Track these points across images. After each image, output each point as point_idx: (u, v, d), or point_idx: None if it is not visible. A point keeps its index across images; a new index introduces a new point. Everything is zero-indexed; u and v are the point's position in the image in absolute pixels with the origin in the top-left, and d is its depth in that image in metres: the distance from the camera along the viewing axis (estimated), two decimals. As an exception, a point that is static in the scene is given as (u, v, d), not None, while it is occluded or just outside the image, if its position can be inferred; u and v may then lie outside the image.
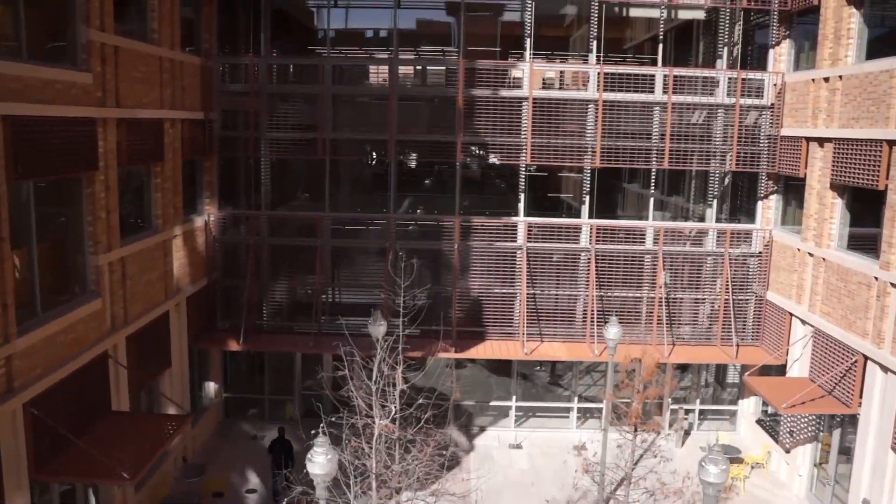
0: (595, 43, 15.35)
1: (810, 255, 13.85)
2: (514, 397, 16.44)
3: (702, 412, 16.77)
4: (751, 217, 16.20)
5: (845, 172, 12.60)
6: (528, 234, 15.50)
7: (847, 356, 12.37)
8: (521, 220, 15.61)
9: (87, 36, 10.50)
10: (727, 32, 15.70)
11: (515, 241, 15.62)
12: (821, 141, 13.55)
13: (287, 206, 17.57)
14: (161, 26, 12.91)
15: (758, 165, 15.26)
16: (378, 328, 12.72)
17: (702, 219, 16.42)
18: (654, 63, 15.81)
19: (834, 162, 13.03)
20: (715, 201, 16.06)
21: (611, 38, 16.19)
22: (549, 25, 17.10)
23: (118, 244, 11.47)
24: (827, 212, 13.36)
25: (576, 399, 16.58)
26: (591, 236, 15.48)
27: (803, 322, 14.04)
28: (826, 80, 13.41)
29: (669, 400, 16.03)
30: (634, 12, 17.04)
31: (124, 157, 11.55)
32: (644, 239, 15.77)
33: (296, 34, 17.93)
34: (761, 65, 15.86)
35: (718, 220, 16.16)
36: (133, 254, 12.05)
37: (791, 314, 14.51)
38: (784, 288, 14.89)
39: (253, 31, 16.16)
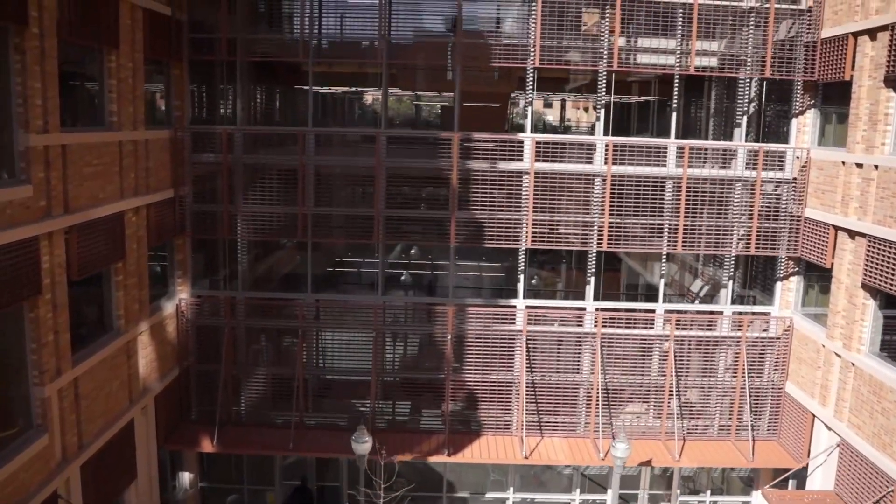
0: (603, 112, 14.06)
1: (837, 355, 12.65)
2: (511, 489, 15.27)
3: None
4: (767, 294, 15.00)
5: (880, 275, 11.37)
6: (528, 319, 14.28)
7: (881, 482, 11.19)
8: (521, 307, 14.35)
9: (27, 142, 9.18)
10: (746, 101, 14.39)
11: (514, 325, 14.41)
12: (852, 233, 12.30)
13: (268, 279, 16.35)
14: (121, 107, 11.58)
15: (778, 247, 14.01)
16: (362, 445, 11.56)
17: (714, 285, 15.26)
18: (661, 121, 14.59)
19: (867, 260, 11.79)
20: (731, 282, 14.83)
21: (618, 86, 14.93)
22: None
23: (69, 366, 10.22)
24: (858, 313, 12.13)
25: (577, 491, 15.41)
26: (595, 321, 14.27)
27: (828, 427, 12.86)
28: (859, 166, 12.15)
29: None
30: (643, 58, 15.77)
31: (75, 269, 10.26)
32: (653, 323, 14.59)
33: (281, 75, 16.51)
34: (782, 133, 14.61)
35: (734, 300, 14.96)
36: (89, 370, 10.80)
37: (814, 415, 13.32)
38: (806, 384, 13.69)
39: (230, 84, 14.82)
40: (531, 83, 13.80)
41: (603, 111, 14.04)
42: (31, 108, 9.21)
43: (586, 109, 19.13)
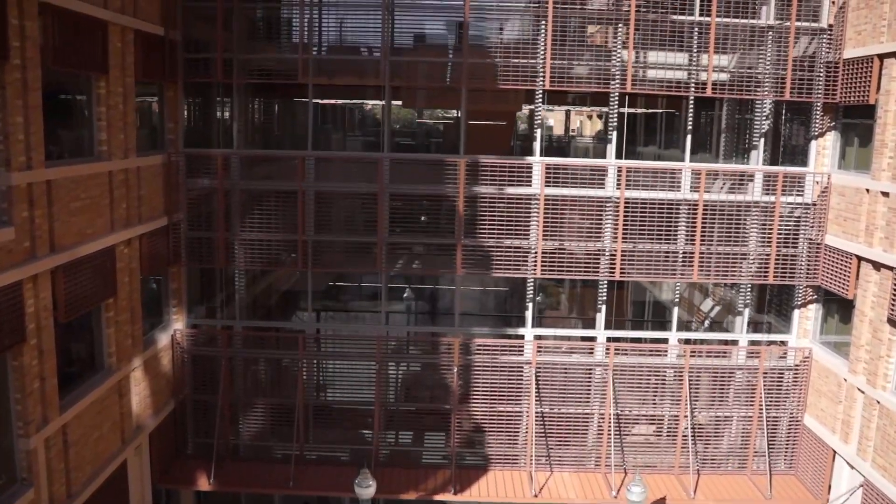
0: (615, 134, 13.51)
1: (860, 391, 12.13)
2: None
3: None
4: (783, 319, 14.48)
5: (908, 311, 10.87)
6: (538, 349, 13.74)
7: (909, 529, 10.71)
8: (529, 337, 13.83)
9: (9, 181, 8.62)
10: (762, 122, 13.82)
11: (522, 356, 13.87)
12: (876, 265, 11.76)
13: (267, 296, 15.81)
14: (111, 135, 11.00)
15: (797, 274, 13.47)
16: (366, 490, 11.04)
17: (726, 306, 14.71)
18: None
19: (894, 294, 11.26)
20: (746, 310, 14.29)
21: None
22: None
23: (56, 413, 9.67)
24: (883, 349, 11.60)
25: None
26: (607, 350, 13.74)
27: (850, 466, 12.34)
28: (885, 194, 11.61)
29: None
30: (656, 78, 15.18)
31: (63, 311, 9.72)
32: (666, 352, 14.06)
33: (280, 87, 15.87)
34: (798, 153, 14.07)
35: (748, 324, 14.45)
36: (78, 415, 10.25)
37: (834, 451, 12.81)
38: (826, 418, 13.17)
39: (227, 101, 14.22)
40: (540, 105, 13.27)
41: (615, 133, 13.50)
42: (13, 145, 8.64)
43: (590, 117, 18.60)
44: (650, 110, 16.76)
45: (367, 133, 16.42)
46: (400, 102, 15.08)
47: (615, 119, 13.42)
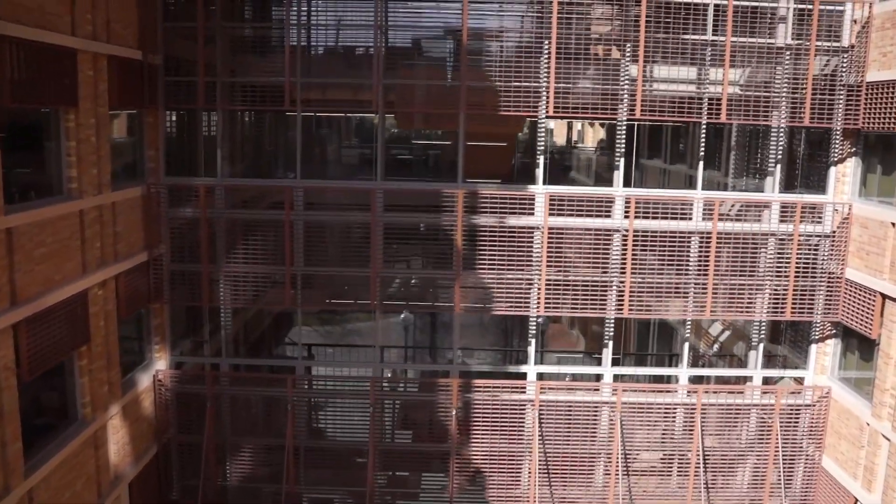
0: (622, 161, 12.73)
1: (885, 437, 11.39)
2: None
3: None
4: (798, 352, 13.74)
5: (939, 358, 10.12)
6: (541, 390, 12.99)
7: None
8: (532, 377, 13.07)
9: (-38, 235, 7.92)
10: (777, 149, 13.01)
11: (524, 394, 13.13)
12: (904, 306, 11.06)
13: (258, 322, 15.08)
14: (82, 171, 10.22)
15: (815, 310, 12.71)
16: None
17: (735, 332, 14.00)
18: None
19: (923, 339, 10.54)
20: (761, 345, 13.53)
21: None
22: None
23: (20, 479, 8.90)
24: (911, 395, 10.90)
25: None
26: (613, 393, 12.99)
27: (874, 516, 11.65)
28: (912, 230, 10.89)
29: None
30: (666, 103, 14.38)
31: (27, 369, 8.95)
32: (675, 392, 13.33)
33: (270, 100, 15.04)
34: (814, 176, 13.29)
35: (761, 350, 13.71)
36: (46, 476, 9.50)
37: (856, 499, 12.08)
38: (846, 462, 12.43)
39: (211, 116, 13.37)
40: (543, 133, 12.50)
41: (622, 160, 12.72)
42: (-33, 194, 7.92)
43: (591, 125, 17.87)
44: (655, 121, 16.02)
45: (364, 140, 15.64)
46: (395, 121, 14.38)
47: (622, 145, 12.65)
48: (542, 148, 12.62)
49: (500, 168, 16.61)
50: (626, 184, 12.96)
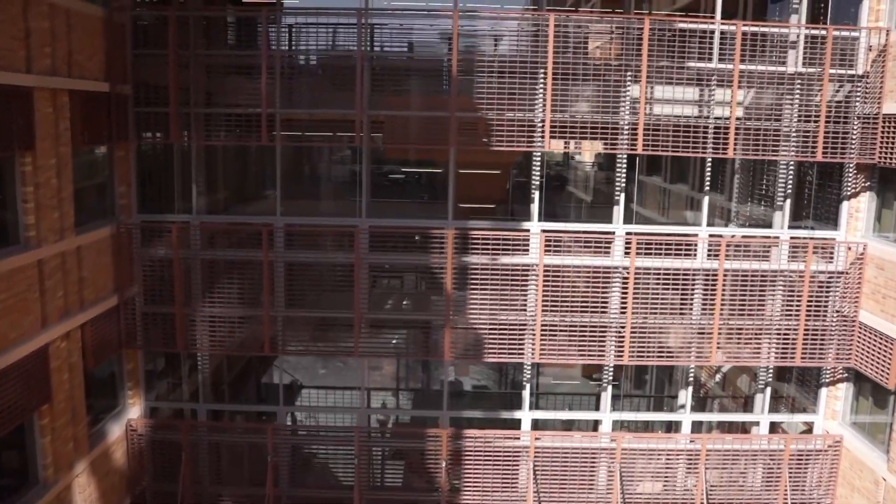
0: (623, 196, 12.00)
1: (902, 495, 10.75)
2: None
3: None
4: (806, 393, 13.05)
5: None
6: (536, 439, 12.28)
7: None
8: (526, 424, 12.38)
9: None
10: (787, 183, 12.29)
11: (519, 440, 12.43)
12: (923, 358, 10.36)
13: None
14: (41, 217, 9.47)
15: (826, 354, 11.99)
16: None
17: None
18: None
19: (944, 396, 9.85)
20: (768, 389, 12.83)
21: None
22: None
23: (-30, 560, 8.29)
24: (930, 453, 10.22)
25: None
26: (613, 442, 12.29)
27: (890, 578, 10.98)
28: (933, 277, 10.18)
29: None
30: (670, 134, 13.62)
31: (-24, 440, 8.31)
32: (678, 441, 12.64)
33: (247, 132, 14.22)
34: (823, 207, 12.59)
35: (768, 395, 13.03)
36: (0, 551, 8.86)
37: (871, 557, 11.44)
38: (860, 516, 11.78)
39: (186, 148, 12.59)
40: (539, 166, 11.77)
41: (622, 195, 12.00)
42: None
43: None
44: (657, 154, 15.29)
45: (355, 153, 14.89)
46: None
47: (623, 180, 11.93)
48: (538, 182, 11.90)
49: (494, 193, 15.91)
50: (627, 217, 12.26)
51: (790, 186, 12.31)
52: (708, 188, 12.27)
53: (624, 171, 11.93)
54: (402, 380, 19.18)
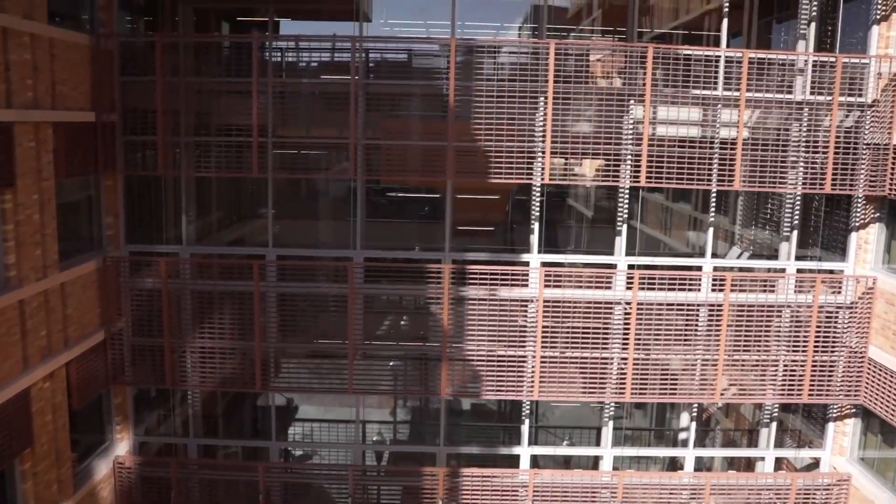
0: (625, 228, 11.66)
1: (913, 541, 10.41)
2: None
3: None
4: (812, 425, 12.71)
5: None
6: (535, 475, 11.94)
7: None
8: (525, 461, 12.02)
9: None
10: (793, 213, 11.95)
11: (517, 478, 12.08)
12: (936, 400, 10.02)
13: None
14: (22, 256, 9.11)
15: (834, 391, 11.62)
16: None
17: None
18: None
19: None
20: (773, 424, 12.49)
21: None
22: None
23: None
24: (944, 500, 9.88)
25: None
26: (615, 479, 11.95)
27: None
28: (946, 318, 9.85)
29: None
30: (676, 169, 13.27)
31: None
32: (681, 477, 12.30)
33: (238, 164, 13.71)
34: (828, 230, 12.25)
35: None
36: None
37: None
38: (869, 558, 11.44)
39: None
40: (538, 198, 11.44)
41: (624, 227, 11.66)
42: None
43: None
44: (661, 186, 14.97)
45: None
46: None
47: (625, 211, 11.59)
48: (538, 214, 11.56)
49: (493, 215, 15.56)
50: (630, 240, 11.91)
51: (797, 216, 11.97)
52: (712, 217, 11.94)
53: (626, 203, 11.60)
54: (399, 397, 18.81)
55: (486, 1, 14.38)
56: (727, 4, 11.46)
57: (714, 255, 12.03)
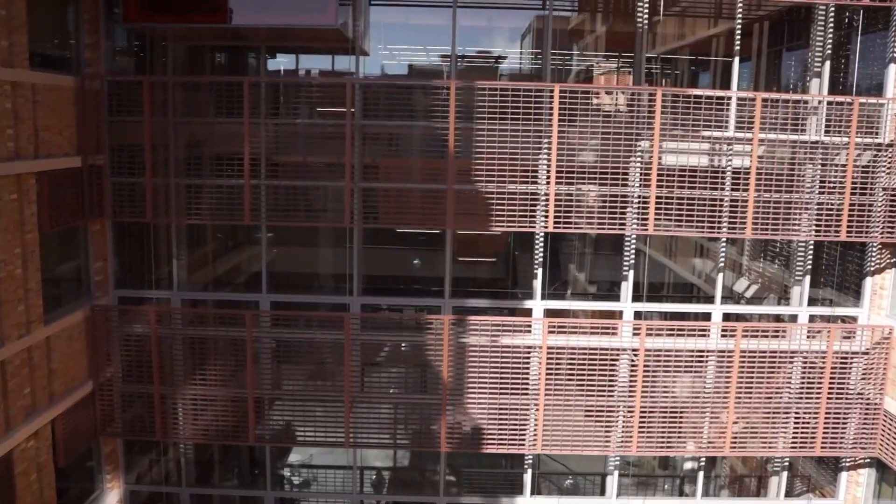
0: (631, 274, 11.26)
1: None
2: None
3: None
4: (825, 471, 12.31)
5: None
6: None
7: None
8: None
9: None
10: (805, 263, 11.56)
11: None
12: (956, 463, 9.63)
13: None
14: (4, 314, 8.70)
15: (845, 442, 11.19)
16: None
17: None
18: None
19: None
20: (785, 473, 12.10)
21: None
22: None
23: None
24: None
25: None
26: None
27: None
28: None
29: None
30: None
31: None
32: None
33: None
34: (846, 278, 11.84)
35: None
36: None
37: None
38: None
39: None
40: (541, 245, 11.05)
41: (631, 272, 11.26)
42: None
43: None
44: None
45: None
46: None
47: (631, 257, 11.18)
48: (541, 259, 11.16)
49: (494, 247, 15.17)
50: (636, 292, 11.54)
51: (809, 261, 11.54)
52: (722, 262, 11.54)
53: (633, 250, 11.19)
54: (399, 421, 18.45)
55: (487, 28, 13.95)
56: (738, 47, 11.05)
57: (724, 297, 11.64)
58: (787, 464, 12.05)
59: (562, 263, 14.16)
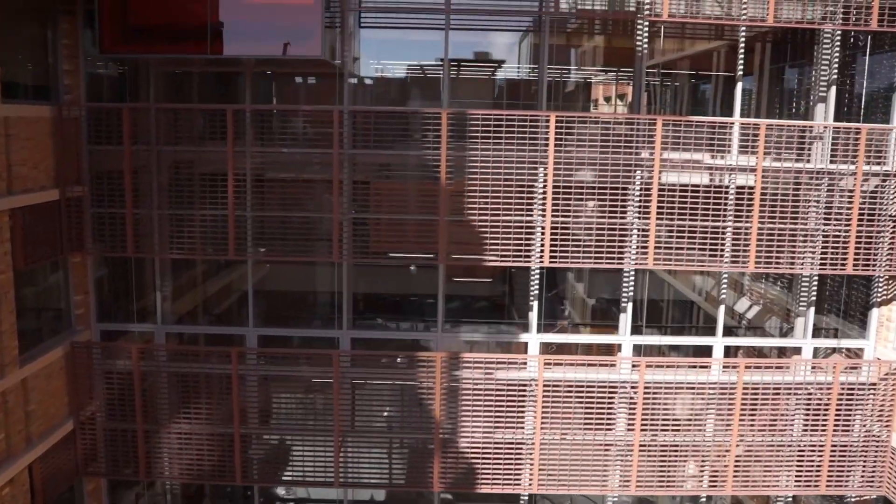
0: (630, 306, 10.89)
1: None
2: None
3: None
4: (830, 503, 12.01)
5: None
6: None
7: None
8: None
9: None
10: (809, 298, 11.20)
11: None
12: (967, 508, 9.29)
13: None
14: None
15: (851, 481, 10.84)
16: None
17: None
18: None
19: None
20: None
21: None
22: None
23: None
24: None
25: None
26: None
27: None
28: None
29: None
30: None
31: None
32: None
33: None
34: (851, 307, 11.49)
35: None
36: None
37: None
38: None
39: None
40: (537, 279, 10.68)
41: (629, 304, 10.90)
42: None
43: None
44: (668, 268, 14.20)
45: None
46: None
47: (631, 289, 10.82)
48: (536, 292, 10.79)
49: (491, 267, 14.83)
50: (635, 323, 11.18)
51: (814, 292, 11.18)
52: (724, 294, 11.17)
53: (632, 285, 10.83)
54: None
55: (481, 38, 13.54)
56: (741, 71, 10.69)
57: (726, 331, 11.27)
58: (790, 501, 11.72)
59: (560, 273, 13.81)
